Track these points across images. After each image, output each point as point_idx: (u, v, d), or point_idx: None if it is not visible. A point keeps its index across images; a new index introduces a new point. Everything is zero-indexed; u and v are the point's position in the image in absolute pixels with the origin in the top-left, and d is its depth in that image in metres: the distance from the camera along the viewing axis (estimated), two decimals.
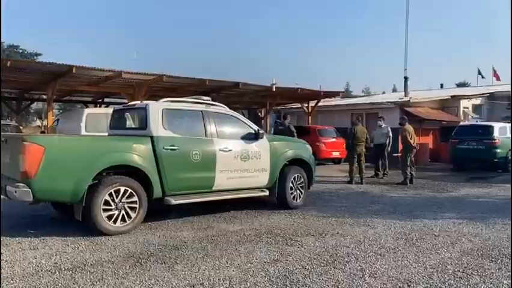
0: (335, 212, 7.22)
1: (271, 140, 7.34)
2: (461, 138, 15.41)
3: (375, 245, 5.12)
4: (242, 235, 5.54)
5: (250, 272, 4.11)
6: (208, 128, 6.47)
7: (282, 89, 17.05)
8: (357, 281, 3.89)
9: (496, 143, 14.75)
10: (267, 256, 4.61)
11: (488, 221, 6.62)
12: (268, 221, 6.43)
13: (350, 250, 4.89)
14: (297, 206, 7.47)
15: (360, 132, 11.67)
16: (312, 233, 5.69)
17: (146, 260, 4.48)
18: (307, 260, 4.47)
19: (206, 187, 6.41)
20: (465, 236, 5.66)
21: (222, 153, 6.44)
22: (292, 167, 7.52)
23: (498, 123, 16.39)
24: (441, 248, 5.06)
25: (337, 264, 4.37)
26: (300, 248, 4.94)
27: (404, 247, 5.06)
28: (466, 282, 3.90)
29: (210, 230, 5.81)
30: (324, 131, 17.42)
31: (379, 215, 7.01)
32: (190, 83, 14.27)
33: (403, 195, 9.55)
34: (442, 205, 8.12)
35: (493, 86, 28.71)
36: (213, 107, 6.83)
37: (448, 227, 6.18)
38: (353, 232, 5.78)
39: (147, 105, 6.24)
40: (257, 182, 7.04)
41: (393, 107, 18.96)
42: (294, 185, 7.47)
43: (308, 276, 4.00)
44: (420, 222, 6.45)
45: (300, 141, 8.47)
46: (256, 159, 6.90)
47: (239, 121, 7.05)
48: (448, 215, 7.07)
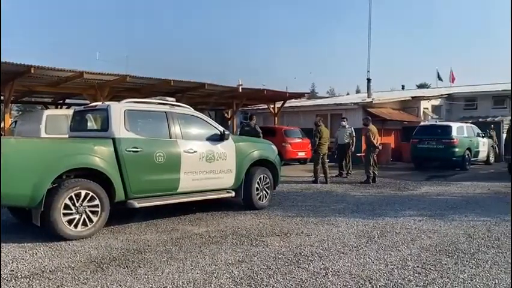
0: (300, 212, 7.30)
1: (237, 141, 7.34)
2: (421, 138, 15.95)
3: (339, 244, 5.21)
4: (207, 237, 5.51)
5: (215, 273, 4.09)
6: (172, 129, 6.39)
7: (248, 90, 17.09)
8: (321, 279, 3.94)
9: (454, 142, 15.34)
10: (232, 257, 4.60)
11: (446, 217, 6.87)
12: (234, 222, 6.42)
13: (314, 249, 4.95)
14: (263, 207, 7.50)
15: (326, 132, 11.86)
16: (277, 233, 5.73)
17: (108, 264, 4.37)
18: (272, 260, 4.50)
19: (170, 189, 6.33)
20: (424, 232, 5.84)
21: (186, 155, 6.39)
22: (258, 168, 7.54)
23: (456, 123, 17.08)
24: (401, 244, 5.21)
25: (301, 263, 4.41)
26: (265, 248, 4.96)
27: (366, 245, 5.18)
28: (424, 277, 4.03)
29: (175, 233, 5.74)
30: (290, 131, 17.60)
31: (343, 214, 7.14)
32: (155, 84, 14.07)
33: (366, 194, 9.76)
34: (403, 203, 8.36)
35: (452, 88, 29.87)
36: (177, 108, 6.76)
37: (408, 224, 6.37)
38: (317, 231, 5.87)
39: (109, 106, 6.10)
40: (223, 183, 7.02)
41: (357, 107, 19.39)
42: (260, 186, 7.50)
43: (273, 276, 4.02)
44: (382, 220, 6.62)
45: (266, 141, 8.50)
46: (221, 160, 6.88)
47: (204, 122, 7.00)
48: (409, 213, 7.29)
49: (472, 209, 7.64)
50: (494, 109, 24.29)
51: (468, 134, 16.53)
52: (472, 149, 16.27)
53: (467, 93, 25.77)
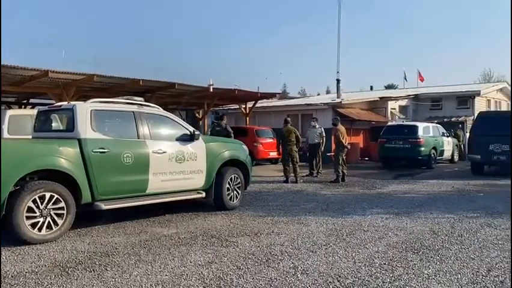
0: (271, 211, 7.33)
1: (208, 141, 7.30)
2: (388, 138, 16.32)
3: (308, 242, 5.26)
4: (177, 238, 5.45)
5: (184, 275, 4.05)
6: (140, 129, 6.30)
7: (219, 90, 17.01)
8: (290, 278, 3.97)
9: (420, 141, 15.78)
10: (201, 258, 4.58)
11: (412, 215, 7.05)
12: (204, 223, 6.38)
13: (283, 248, 4.98)
14: (234, 207, 7.49)
15: (287, 132, 11.94)
16: (247, 233, 5.73)
17: (73, 268, 4.26)
18: (242, 260, 4.50)
19: (139, 190, 6.23)
20: (391, 230, 5.98)
21: (155, 155, 6.30)
22: (229, 168, 7.52)
23: (422, 123, 17.58)
24: (369, 242, 5.31)
25: (271, 262, 4.43)
26: (235, 249, 4.96)
27: (335, 243, 5.25)
28: (390, 274, 4.12)
29: (144, 235, 5.66)
30: (261, 131, 17.66)
31: (312, 213, 7.22)
32: (123, 83, 13.80)
33: (335, 192, 9.90)
34: (371, 201, 8.53)
35: (418, 88, 30.69)
36: (145, 108, 6.66)
37: (376, 222, 6.50)
38: (287, 230, 5.91)
39: (74, 106, 5.95)
40: (193, 184, 6.97)
41: (327, 108, 19.64)
42: (231, 186, 7.49)
43: (242, 276, 4.02)
44: (351, 218, 6.73)
45: (237, 141, 8.50)
46: (191, 160, 6.83)
47: (173, 122, 6.93)
48: (376, 211, 7.44)
49: (437, 207, 7.87)
50: (458, 109, 25.10)
51: (434, 133, 17.03)
52: (438, 148, 16.78)
53: (433, 94, 26.52)
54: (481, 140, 13.23)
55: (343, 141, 11.84)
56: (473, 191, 9.99)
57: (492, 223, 6.40)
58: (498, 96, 29.06)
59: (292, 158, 11.80)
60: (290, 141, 11.81)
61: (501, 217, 6.84)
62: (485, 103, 26.28)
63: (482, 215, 7.06)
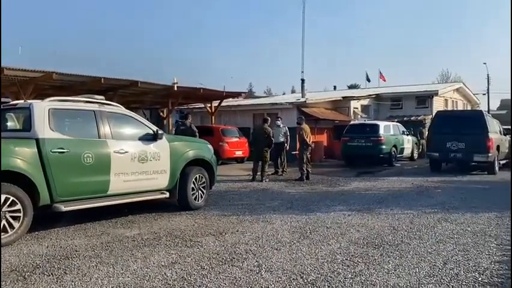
0: (236, 211, 7.33)
1: (171, 141, 7.22)
2: (351, 136, 16.68)
3: (273, 240, 5.30)
4: (140, 239, 5.36)
5: (147, 277, 3.99)
6: (101, 128, 6.14)
7: (184, 89, 16.85)
8: (254, 276, 3.99)
9: (381, 140, 16.23)
10: (165, 259, 4.52)
11: (373, 211, 7.24)
12: (168, 224, 6.31)
13: (248, 247, 5.00)
14: (199, 207, 7.44)
15: (258, 131, 12.08)
16: (212, 233, 5.71)
17: (31, 272, 4.11)
18: (206, 260, 4.48)
19: (100, 191, 6.08)
20: (353, 226, 6.12)
21: (117, 155, 6.17)
22: (194, 168, 7.46)
23: (383, 122, 18.08)
24: (332, 239, 5.41)
25: (235, 261, 4.44)
26: (200, 249, 4.93)
27: (299, 240, 5.32)
28: (352, 269, 4.21)
29: (105, 237, 5.53)
30: (227, 130, 17.64)
31: (277, 211, 7.28)
32: (84, 81, 13.42)
33: (300, 191, 10.03)
34: (334, 199, 8.69)
35: (379, 88, 31.53)
36: (106, 107, 6.51)
37: (339, 219, 6.63)
38: (252, 229, 5.93)
39: (31, 104, 5.73)
40: (157, 184, 6.87)
41: (292, 107, 19.85)
42: (196, 186, 7.43)
43: (206, 276, 4.00)
44: (314, 216, 6.83)
45: (202, 141, 8.45)
46: (155, 160, 6.73)
47: (136, 121, 6.81)
48: (339, 208, 7.59)
49: (397, 203, 8.12)
50: (417, 108, 26.01)
51: (394, 132, 17.56)
52: (398, 146, 17.31)
53: (393, 93, 27.35)
54: (438, 138, 13.76)
55: (307, 140, 12.01)
56: (432, 188, 10.38)
57: (449, 218, 6.66)
58: (455, 96, 30.31)
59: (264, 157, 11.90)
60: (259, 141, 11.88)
61: (457, 212, 7.14)
62: (442, 102, 27.36)
63: (440, 210, 7.34)
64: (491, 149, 13.11)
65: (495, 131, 14.29)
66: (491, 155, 13.17)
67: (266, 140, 12.10)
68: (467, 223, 6.31)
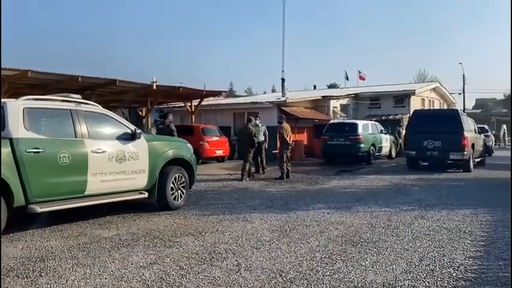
0: (216, 210, 7.32)
1: (150, 140, 7.15)
2: (330, 135, 16.84)
3: (252, 239, 5.31)
4: (118, 240, 5.29)
5: (125, 277, 3.95)
6: (78, 128, 6.03)
7: (163, 87, 16.69)
8: (233, 276, 3.99)
9: (360, 138, 16.43)
10: (143, 260, 4.48)
11: (352, 209, 7.33)
12: (147, 224, 6.25)
13: (228, 246, 4.99)
14: (179, 207, 7.38)
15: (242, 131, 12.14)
16: (191, 233, 5.68)
17: (5, 275, 4.01)
18: (185, 260, 4.46)
19: (77, 192, 5.98)
20: (332, 224, 6.18)
21: (94, 155, 6.07)
22: (173, 167, 7.40)
23: (362, 121, 18.30)
24: (311, 236, 5.45)
25: (215, 261, 4.43)
26: (179, 249, 4.90)
27: (279, 239, 5.35)
28: (330, 267, 4.26)
29: (82, 238, 5.44)
30: (207, 130, 17.57)
31: (257, 210, 7.29)
32: (61, 80, 13.15)
33: (280, 189, 10.07)
34: (314, 197, 8.76)
35: (358, 88, 31.91)
36: (83, 106, 6.40)
37: (318, 217, 6.68)
38: (232, 228, 5.92)
39: (4, 103, 5.58)
40: (135, 184, 6.79)
41: (272, 106, 19.91)
42: (175, 185, 7.37)
43: (185, 276, 3.98)
44: (294, 214, 6.87)
45: (181, 140, 8.39)
46: (133, 160, 6.65)
47: (114, 120, 6.71)
48: (319, 206, 7.66)
49: (375, 201, 8.24)
50: (395, 107, 26.43)
51: (372, 130, 17.79)
52: (376, 145, 17.55)
53: (372, 93, 27.72)
54: (415, 137, 14.00)
55: (287, 139, 12.06)
56: (409, 185, 10.56)
57: (425, 215, 6.79)
58: (432, 95, 30.91)
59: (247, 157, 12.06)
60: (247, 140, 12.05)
61: (433, 209, 7.28)
62: (420, 102, 27.88)
63: (416, 207, 7.48)
64: (466, 147, 13.41)
65: (470, 129, 14.63)
66: (467, 153, 13.48)
67: (250, 139, 12.13)
68: (443, 220, 6.44)
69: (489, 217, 6.66)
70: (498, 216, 6.75)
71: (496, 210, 7.23)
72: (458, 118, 13.87)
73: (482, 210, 7.21)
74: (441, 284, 3.80)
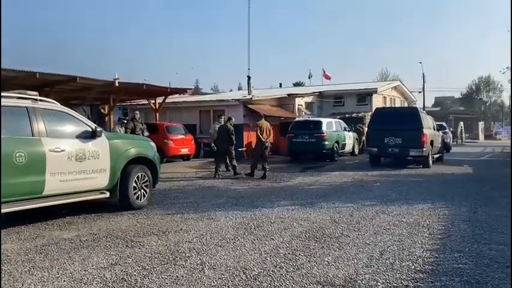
0: (180, 209, 7.24)
1: (111, 138, 6.98)
2: (296, 133, 17.01)
3: (217, 237, 5.29)
4: (78, 241, 5.14)
5: (85, 279, 3.84)
6: (35, 126, 5.81)
7: (126, 85, 16.32)
8: (197, 274, 3.96)
9: (324, 136, 16.68)
10: (104, 261, 4.37)
11: (316, 205, 7.43)
12: (108, 224, 6.10)
13: (192, 245, 4.95)
14: (142, 206, 7.25)
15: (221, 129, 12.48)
16: (155, 232, 5.60)
17: None
18: (148, 260, 4.38)
19: (35, 192, 5.76)
20: (296, 220, 6.24)
21: (52, 154, 5.87)
22: (136, 166, 7.26)
23: (326, 119, 18.60)
24: (275, 233, 5.49)
25: (178, 260, 4.38)
26: (141, 249, 4.81)
27: (243, 236, 5.35)
28: (294, 263, 4.30)
29: (40, 239, 5.25)
30: (172, 128, 17.34)
31: (223, 208, 7.27)
32: (16, 76, 12.61)
33: (246, 187, 10.08)
34: (279, 194, 8.83)
35: (322, 86, 32.39)
36: (40, 103, 6.16)
37: (283, 213, 6.74)
38: (197, 227, 5.88)
39: None
40: (96, 184, 6.62)
41: (238, 104, 19.88)
42: (138, 185, 7.23)
43: (147, 276, 3.92)
44: (259, 212, 6.90)
45: (144, 138, 8.26)
46: (94, 159, 6.48)
47: (73, 118, 6.51)
48: (283, 203, 7.72)
49: (338, 197, 8.39)
50: (358, 105, 27.01)
51: (336, 128, 18.11)
52: (340, 142, 17.87)
53: (336, 91, 28.20)
54: (377, 134, 14.36)
55: (261, 137, 11.99)
56: (371, 181, 10.82)
57: (386, 210, 6.98)
58: (393, 93, 31.78)
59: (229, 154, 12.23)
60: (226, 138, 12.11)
61: (393, 204, 7.50)
62: (381, 100, 28.61)
63: (378, 203, 7.67)
64: (425, 144, 13.86)
65: (429, 126, 15.13)
66: (426, 150, 13.94)
67: (228, 137, 12.13)
68: (403, 214, 6.64)
69: (446, 211, 6.92)
70: (454, 210, 7.03)
71: (453, 204, 7.54)
72: (417, 116, 14.30)
73: (440, 204, 7.49)
74: (400, 276, 3.92)
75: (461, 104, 75.35)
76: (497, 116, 78.64)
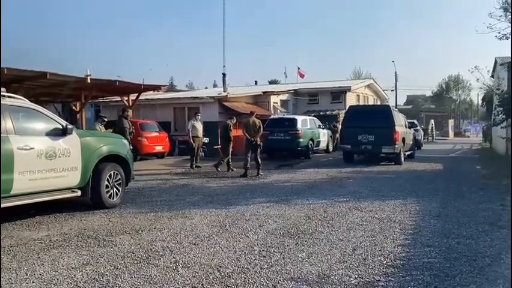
0: (154, 207, 7.16)
1: (83, 136, 6.83)
2: (271, 130, 17.04)
3: (191, 236, 5.26)
4: (48, 242, 5.01)
5: (54, 280, 3.75)
6: (2, 123, 5.61)
7: (98, 81, 15.96)
8: (170, 273, 3.93)
9: (299, 133, 16.80)
10: (75, 261, 4.28)
11: (290, 202, 7.48)
12: (80, 223, 5.97)
13: (165, 244, 4.90)
14: (114, 205, 7.13)
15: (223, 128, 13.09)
16: (128, 231, 5.51)
17: None
18: (120, 260, 4.31)
19: (2, 191, 5.55)
20: (271, 217, 6.27)
21: (21, 152, 5.69)
22: (108, 164, 7.13)
23: (301, 117, 18.72)
24: (250, 231, 5.50)
25: (151, 259, 4.33)
26: (114, 248, 4.73)
27: (218, 234, 5.34)
28: (268, 260, 4.32)
29: (8, 240, 5.09)
30: (146, 125, 17.13)
31: (197, 206, 7.23)
32: None
33: (221, 184, 10.05)
34: (254, 191, 8.84)
35: (297, 84, 32.59)
36: (8, 100, 5.96)
37: (258, 211, 6.75)
38: (171, 225, 5.82)
39: None
40: (67, 182, 6.46)
41: (213, 101, 19.79)
42: (110, 183, 7.11)
43: (120, 275, 3.86)
44: (234, 209, 6.89)
45: (116, 136, 8.11)
46: (64, 157, 6.32)
47: (42, 115, 6.33)
48: (259, 200, 7.74)
49: (312, 194, 8.47)
50: (332, 103, 27.31)
51: (311, 126, 18.26)
52: (315, 140, 18.04)
53: (311, 89, 28.43)
54: (350, 131, 14.56)
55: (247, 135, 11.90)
56: (344, 178, 10.97)
57: (359, 206, 7.09)
58: (366, 91, 32.28)
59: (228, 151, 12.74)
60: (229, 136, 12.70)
61: (366, 201, 7.62)
62: (355, 98, 29.02)
63: (351, 199, 7.78)
64: (397, 141, 14.14)
65: (401, 124, 15.43)
66: (398, 147, 14.22)
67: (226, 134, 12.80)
68: (375, 210, 6.76)
69: (417, 207, 7.08)
70: (425, 205, 7.21)
71: (424, 200, 7.72)
72: (389, 114, 14.57)
73: (411, 200, 7.66)
74: (372, 271, 3.99)
75: (432, 102, 77.18)
76: (466, 114, 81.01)
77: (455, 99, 75.17)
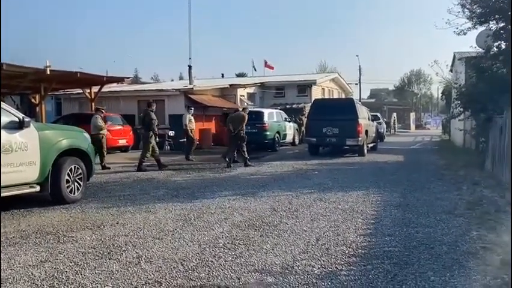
0: (117, 202, 7.01)
1: (41, 129, 6.58)
2: None
3: (155, 230, 5.18)
4: (4, 239, 4.81)
5: (10, 278, 3.61)
6: None
7: (58, 73, 15.41)
8: (133, 268, 3.86)
9: (265, 126, 16.89)
10: (33, 258, 4.13)
11: (256, 195, 7.51)
12: (39, 220, 5.77)
13: (128, 239, 4.81)
14: (75, 200, 6.94)
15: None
16: (89, 227, 5.38)
17: None
18: (81, 256, 4.20)
19: None
20: (237, 210, 6.27)
21: None
22: (69, 158, 6.92)
23: (267, 110, 18.80)
24: (215, 224, 5.48)
25: (113, 254, 4.24)
26: (74, 244, 4.61)
27: (182, 228, 5.29)
28: (233, 252, 4.32)
29: None
30: (109, 118, 16.66)
31: (162, 200, 7.13)
32: None
33: (187, 178, 9.96)
34: (220, 184, 8.81)
35: (264, 77, 32.63)
36: None
37: (223, 204, 6.74)
38: (134, 220, 5.72)
39: None
40: (24, 178, 6.22)
41: (179, 94, 19.54)
42: (71, 178, 6.90)
43: (80, 272, 3.76)
44: (200, 202, 6.85)
45: (77, 129, 7.86)
46: (21, 151, 6.08)
47: None
48: (225, 193, 7.72)
49: (278, 186, 8.53)
50: (298, 96, 27.57)
51: (277, 119, 18.39)
52: (281, 132, 18.18)
53: (277, 82, 28.57)
54: (315, 124, 14.75)
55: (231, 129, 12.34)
56: (310, 170, 11.11)
57: (323, 197, 7.21)
58: (331, 85, 32.77)
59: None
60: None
61: (330, 192, 7.76)
62: (320, 91, 29.41)
63: (316, 191, 7.90)
64: (360, 134, 14.44)
65: (364, 117, 15.77)
66: (361, 139, 14.53)
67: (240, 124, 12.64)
68: (339, 201, 6.89)
69: (379, 197, 7.27)
70: (386, 196, 7.41)
71: (385, 190, 7.93)
72: (353, 107, 14.85)
73: (373, 191, 7.86)
74: (335, 261, 4.07)
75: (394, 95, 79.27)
76: (427, 107, 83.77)
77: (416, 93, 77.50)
